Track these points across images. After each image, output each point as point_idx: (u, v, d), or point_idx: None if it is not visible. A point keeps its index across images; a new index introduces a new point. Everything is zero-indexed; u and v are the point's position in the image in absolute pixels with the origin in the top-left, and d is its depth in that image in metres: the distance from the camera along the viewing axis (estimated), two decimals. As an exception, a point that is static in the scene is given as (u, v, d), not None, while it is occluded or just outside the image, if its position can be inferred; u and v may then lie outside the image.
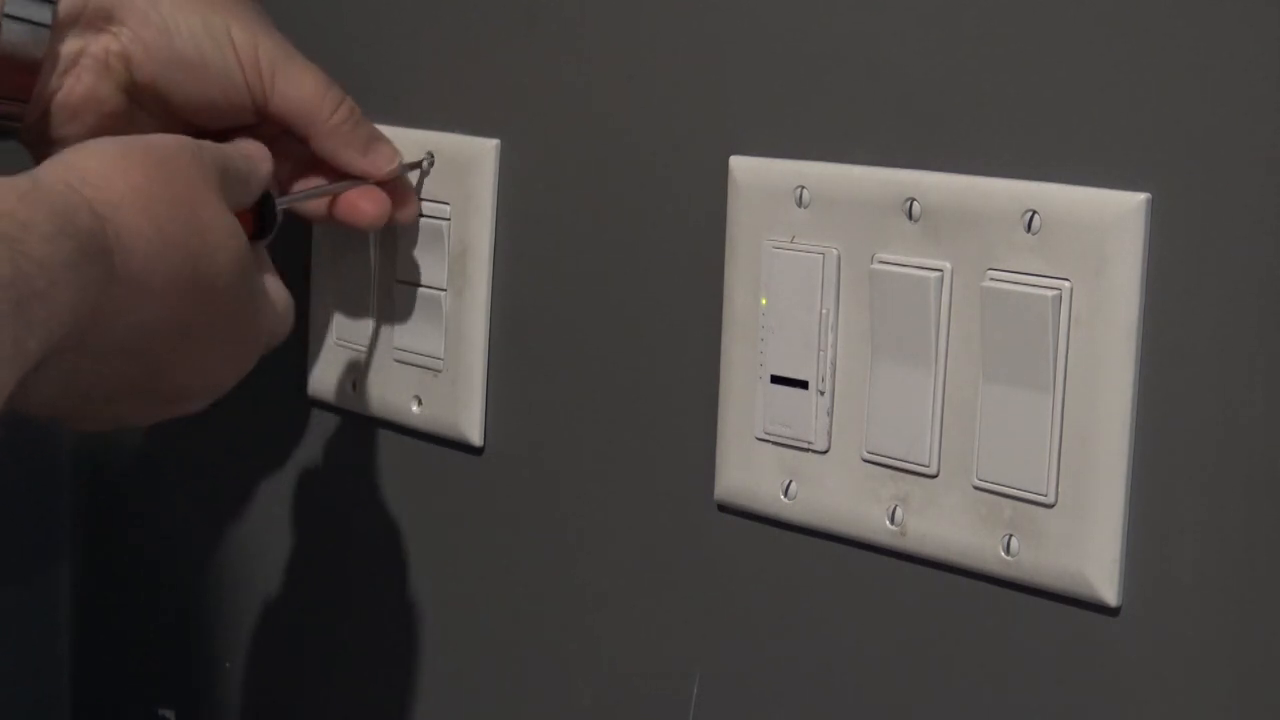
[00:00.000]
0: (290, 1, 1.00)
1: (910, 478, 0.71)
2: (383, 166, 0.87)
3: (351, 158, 0.86)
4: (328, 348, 0.97)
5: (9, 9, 0.79)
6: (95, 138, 0.75)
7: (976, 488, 0.68)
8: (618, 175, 0.82)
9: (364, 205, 0.87)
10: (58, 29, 0.81)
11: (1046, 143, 0.66)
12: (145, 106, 0.84)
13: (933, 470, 0.70)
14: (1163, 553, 0.64)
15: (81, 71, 0.82)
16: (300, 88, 0.85)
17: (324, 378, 0.97)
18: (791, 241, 0.74)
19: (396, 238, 0.91)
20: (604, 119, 0.83)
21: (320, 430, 1.00)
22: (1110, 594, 0.65)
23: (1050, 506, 0.66)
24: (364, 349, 0.94)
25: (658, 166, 0.80)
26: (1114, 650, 0.65)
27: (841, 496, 0.73)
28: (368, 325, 0.94)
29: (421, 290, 0.90)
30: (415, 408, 0.92)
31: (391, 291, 0.92)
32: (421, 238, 0.90)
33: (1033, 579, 0.67)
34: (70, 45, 0.82)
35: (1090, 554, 0.65)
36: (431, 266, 0.90)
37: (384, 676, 0.96)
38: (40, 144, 0.83)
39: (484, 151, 0.88)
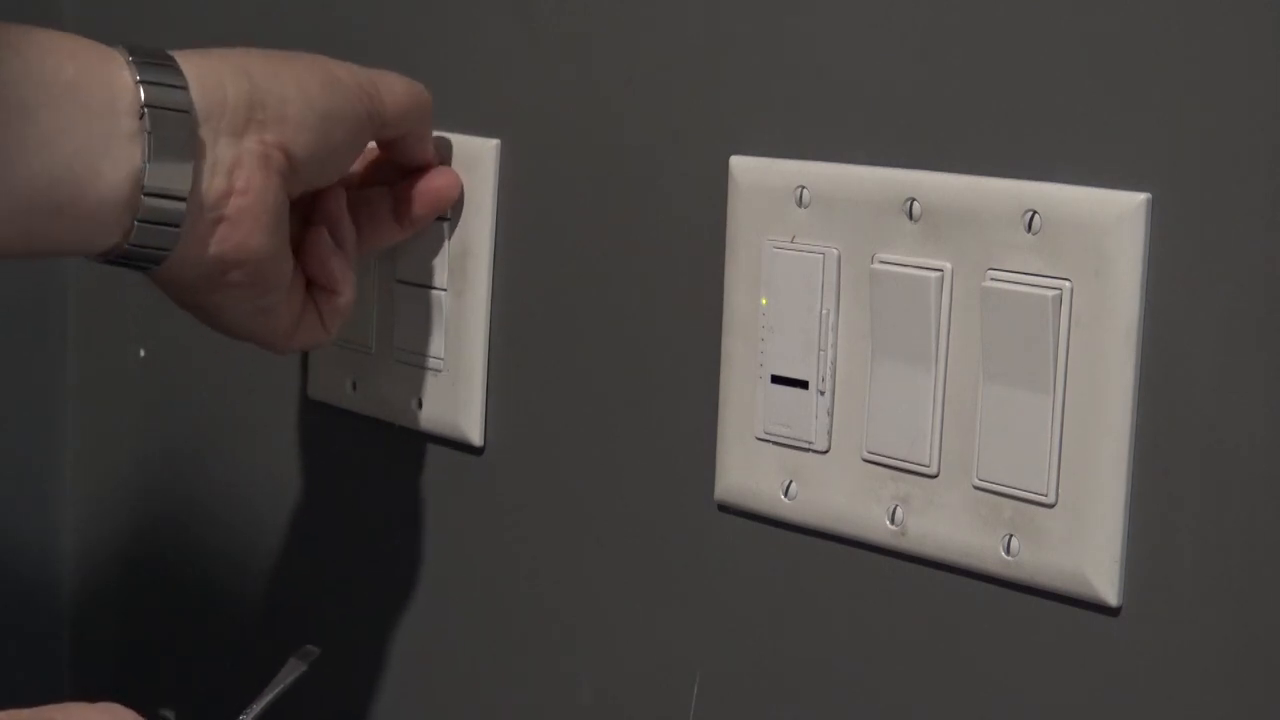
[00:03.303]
0: (290, 2, 1.00)
1: (910, 478, 0.71)
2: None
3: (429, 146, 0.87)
4: (327, 348, 0.97)
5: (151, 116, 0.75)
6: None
7: (977, 488, 0.68)
8: (618, 175, 0.82)
9: (441, 182, 0.87)
10: (199, 131, 0.76)
11: (1046, 143, 0.66)
12: (292, 182, 0.80)
13: (933, 470, 0.70)
14: (1163, 553, 0.64)
15: (249, 173, 0.78)
16: (395, 83, 0.84)
17: (324, 378, 0.97)
18: (792, 241, 0.74)
19: (396, 238, 0.91)
20: (604, 119, 0.83)
21: (320, 430, 1.00)
22: (1110, 594, 0.65)
23: (1050, 506, 0.66)
24: (364, 349, 0.94)
25: (658, 166, 0.80)
26: (1114, 650, 0.65)
27: (842, 496, 0.73)
28: (368, 325, 0.94)
29: (421, 290, 0.90)
30: (415, 408, 0.92)
31: (391, 291, 0.92)
32: (421, 238, 0.90)
33: (1033, 579, 0.67)
34: (224, 150, 0.77)
35: (1090, 554, 0.65)
36: (431, 266, 0.90)
37: (384, 676, 0.96)
38: (191, 277, 0.79)
39: (484, 151, 0.88)
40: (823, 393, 0.73)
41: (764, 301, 0.75)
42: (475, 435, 0.89)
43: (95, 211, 0.75)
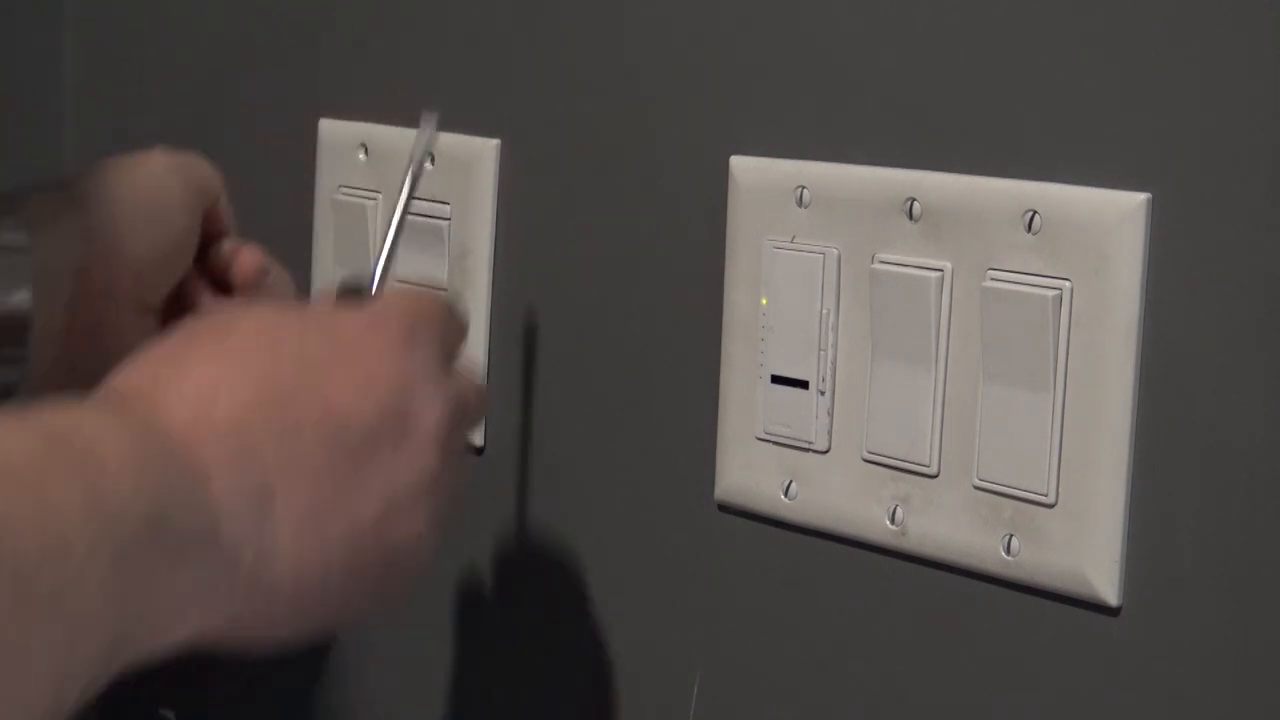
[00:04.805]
0: (290, 3, 1.00)
1: (910, 478, 0.71)
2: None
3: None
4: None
5: None
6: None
7: (977, 488, 0.68)
8: (618, 175, 0.82)
9: (252, 259, 0.83)
10: (37, 249, 0.73)
11: (1046, 143, 0.66)
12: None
13: (933, 470, 0.70)
14: (1163, 553, 0.64)
15: (81, 294, 0.76)
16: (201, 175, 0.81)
17: (324, 378, 0.97)
18: (792, 241, 0.74)
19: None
20: (604, 119, 0.83)
21: (320, 430, 1.00)
22: (1110, 594, 0.65)
23: (1050, 506, 0.66)
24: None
25: (658, 166, 0.80)
26: (1114, 650, 0.65)
27: (842, 496, 0.73)
28: (368, 325, 0.93)
29: (422, 290, 0.90)
30: (415, 408, 0.91)
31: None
32: (421, 238, 0.90)
33: (1033, 579, 0.67)
34: (59, 264, 0.75)
35: (1090, 554, 0.65)
36: (431, 266, 0.90)
37: (384, 676, 0.96)
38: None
39: (484, 151, 0.88)
40: (823, 393, 0.73)
41: (764, 301, 0.75)
42: (475, 435, 0.89)
43: None
